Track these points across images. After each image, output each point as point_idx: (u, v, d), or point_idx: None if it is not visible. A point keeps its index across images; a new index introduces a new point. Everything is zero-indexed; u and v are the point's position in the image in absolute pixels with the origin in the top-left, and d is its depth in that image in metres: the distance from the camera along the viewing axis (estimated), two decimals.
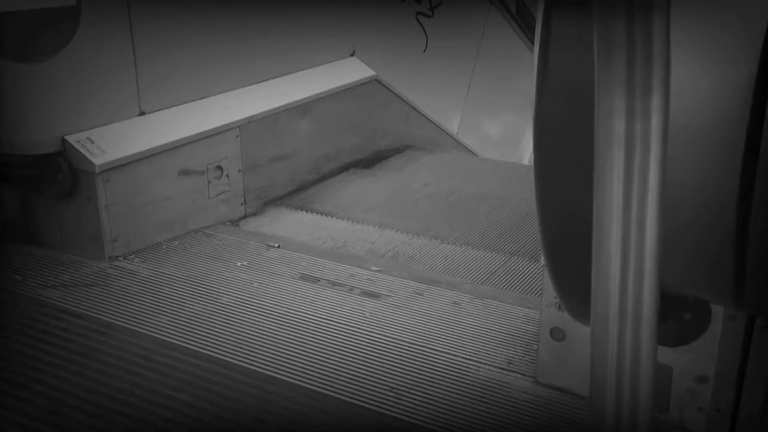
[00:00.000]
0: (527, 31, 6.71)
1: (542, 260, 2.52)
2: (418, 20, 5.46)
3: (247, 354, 2.76)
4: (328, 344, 2.84)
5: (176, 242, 3.66)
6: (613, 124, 1.04)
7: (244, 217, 4.04)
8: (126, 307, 3.05)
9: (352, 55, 4.91)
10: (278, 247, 3.66)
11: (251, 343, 2.82)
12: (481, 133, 6.58)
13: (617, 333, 1.11)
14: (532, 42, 6.79)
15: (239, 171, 4.00)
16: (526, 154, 7.31)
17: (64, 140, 3.30)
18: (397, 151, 5.22)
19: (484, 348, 2.86)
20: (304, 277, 3.36)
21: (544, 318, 2.53)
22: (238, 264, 3.46)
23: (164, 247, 3.60)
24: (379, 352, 2.82)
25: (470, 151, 6.13)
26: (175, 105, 3.73)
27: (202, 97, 3.86)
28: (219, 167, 3.88)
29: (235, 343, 2.81)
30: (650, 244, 1.08)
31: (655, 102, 1.02)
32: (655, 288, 1.11)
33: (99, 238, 3.40)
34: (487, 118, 6.73)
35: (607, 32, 0.99)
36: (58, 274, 3.30)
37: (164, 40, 3.62)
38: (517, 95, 7.03)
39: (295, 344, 2.83)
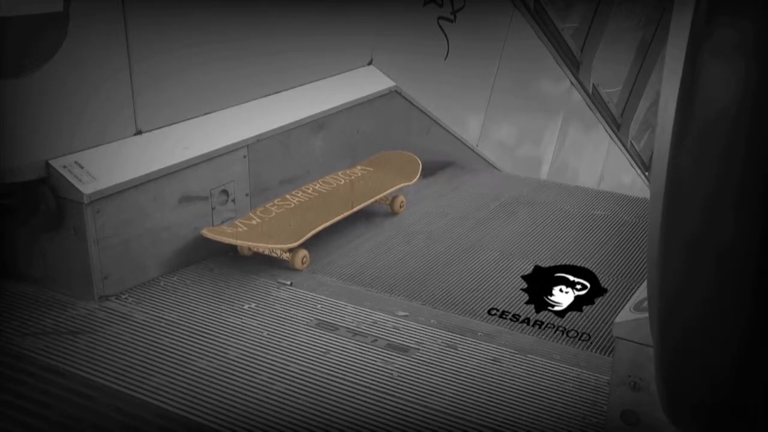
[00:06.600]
0: (545, 28, 6.31)
1: (614, 331, 2.12)
2: (439, 25, 5.03)
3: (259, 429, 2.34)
4: (349, 414, 2.42)
5: (175, 278, 3.24)
6: None
7: None
8: (116, 362, 2.63)
9: (369, 63, 4.49)
10: (290, 284, 3.25)
11: (264, 413, 2.40)
12: (502, 145, 6.16)
13: None
14: (551, 41, 6.38)
15: (246, 195, 3.58)
16: (544, 166, 6.92)
17: (48, 165, 2.88)
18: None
19: (532, 422, 2.45)
20: (321, 324, 2.94)
21: (614, 398, 2.13)
22: (246, 307, 3.04)
23: (162, 283, 3.18)
24: (409, 423, 2.40)
25: (492, 166, 5.72)
26: (176, 122, 3.31)
27: (207, 113, 3.44)
28: (224, 191, 3.46)
29: (246, 415, 2.39)
30: None
31: None
32: None
33: (87, 275, 2.98)
34: (508, 128, 6.31)
35: None
36: (40, 317, 2.88)
37: (164, 49, 3.19)
38: (533, 100, 6.62)
39: (313, 414, 2.41)
